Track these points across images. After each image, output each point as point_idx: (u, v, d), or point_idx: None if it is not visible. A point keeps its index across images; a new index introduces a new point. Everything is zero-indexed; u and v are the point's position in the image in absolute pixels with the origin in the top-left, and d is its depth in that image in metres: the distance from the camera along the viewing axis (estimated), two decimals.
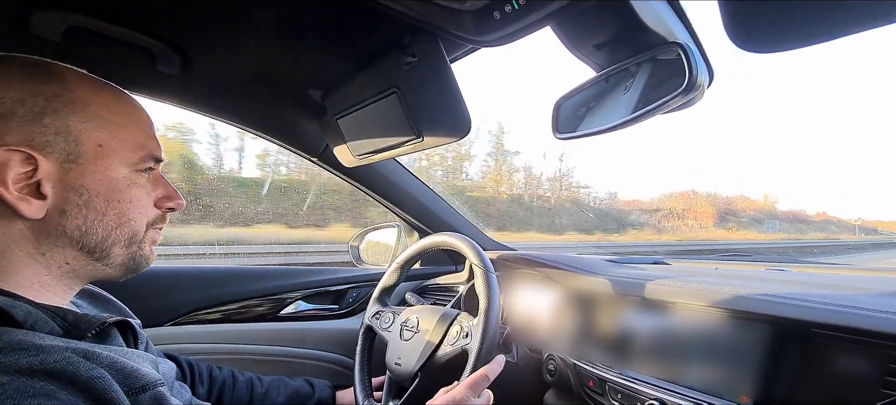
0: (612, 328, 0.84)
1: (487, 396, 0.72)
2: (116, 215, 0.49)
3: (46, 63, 0.47)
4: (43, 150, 0.44)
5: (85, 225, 0.47)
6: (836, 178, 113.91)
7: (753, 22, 0.32)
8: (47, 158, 0.44)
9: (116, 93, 0.51)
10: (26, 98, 0.44)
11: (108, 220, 0.48)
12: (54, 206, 0.45)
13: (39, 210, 0.44)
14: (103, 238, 0.48)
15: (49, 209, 0.45)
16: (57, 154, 0.45)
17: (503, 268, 1.10)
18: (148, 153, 0.51)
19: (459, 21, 0.56)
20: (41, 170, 0.44)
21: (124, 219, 0.49)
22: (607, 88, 0.67)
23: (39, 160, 0.44)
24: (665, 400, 0.68)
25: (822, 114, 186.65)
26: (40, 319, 0.42)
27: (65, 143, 0.45)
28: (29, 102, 0.44)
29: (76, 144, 0.46)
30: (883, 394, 0.50)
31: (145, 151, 0.51)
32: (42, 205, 0.44)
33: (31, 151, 0.43)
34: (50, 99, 0.45)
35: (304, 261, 4.91)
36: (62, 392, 0.37)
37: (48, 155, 0.44)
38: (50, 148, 0.45)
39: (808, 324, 0.58)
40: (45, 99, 0.45)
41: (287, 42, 0.72)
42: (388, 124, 0.77)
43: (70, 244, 0.47)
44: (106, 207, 0.48)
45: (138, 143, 0.50)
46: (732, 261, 1.05)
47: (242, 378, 0.85)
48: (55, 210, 0.45)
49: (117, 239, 0.49)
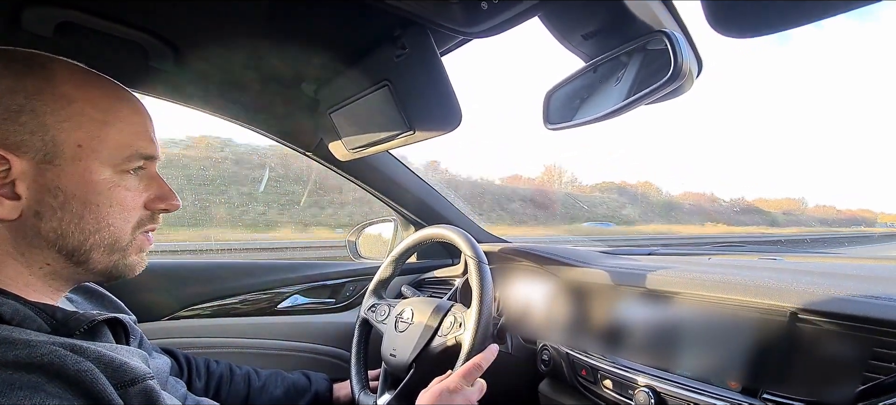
0: (606, 318, 0.85)
1: (481, 385, 0.73)
2: (95, 219, 0.46)
3: (33, 56, 0.45)
4: (17, 150, 0.42)
5: (60, 228, 0.45)
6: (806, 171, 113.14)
7: (731, 7, 0.33)
8: (21, 158, 0.43)
9: (106, 88, 0.49)
10: (4, 95, 0.42)
11: (86, 224, 0.46)
12: (29, 208, 0.44)
13: (13, 211, 0.43)
14: (80, 242, 0.46)
15: (24, 210, 0.43)
16: (32, 154, 0.43)
17: (498, 260, 1.11)
18: (135, 152, 0.48)
19: (448, 12, 0.56)
20: (14, 170, 0.42)
21: (104, 224, 0.47)
22: (597, 78, 0.67)
23: (12, 160, 0.42)
24: (656, 386, 0.69)
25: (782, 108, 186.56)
26: (28, 316, 0.42)
27: (41, 143, 0.43)
28: (6, 100, 0.42)
29: (54, 144, 0.44)
30: (866, 377, 0.51)
31: (132, 150, 0.48)
32: (15, 205, 0.43)
33: (3, 152, 0.42)
34: (30, 96, 0.43)
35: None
36: (49, 385, 0.37)
37: (22, 155, 0.43)
38: (25, 147, 0.43)
39: (796, 310, 0.59)
40: (25, 96, 0.43)
41: (279, 36, 0.72)
42: (380, 118, 0.77)
43: (47, 246, 0.45)
44: (83, 210, 0.45)
45: (124, 142, 0.48)
46: (725, 252, 1.06)
47: (240, 371, 0.85)
48: (30, 211, 0.44)
49: (96, 244, 0.47)
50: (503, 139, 54.40)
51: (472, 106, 12.97)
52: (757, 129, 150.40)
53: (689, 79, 0.55)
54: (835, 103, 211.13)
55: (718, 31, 0.33)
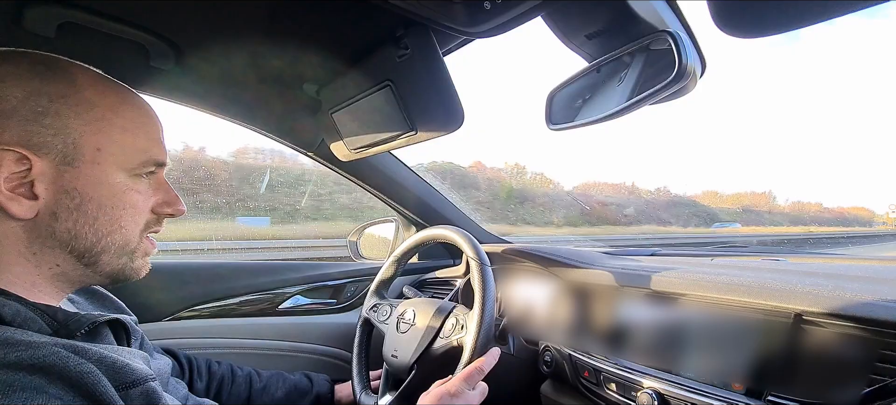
0: (608, 319, 0.84)
1: (482, 388, 0.72)
2: (108, 221, 0.47)
3: (56, 60, 0.47)
4: (39, 151, 0.44)
5: (75, 229, 0.46)
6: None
7: (737, 7, 0.32)
8: (42, 159, 0.44)
9: (124, 94, 0.50)
10: (30, 96, 0.43)
11: (100, 226, 0.47)
12: (46, 208, 0.44)
13: (30, 210, 0.44)
14: (93, 243, 0.47)
15: (40, 210, 0.44)
16: (53, 155, 0.44)
17: (500, 261, 1.11)
18: (149, 158, 0.50)
19: (450, 12, 0.56)
20: (35, 170, 0.44)
21: (116, 226, 0.48)
22: (600, 79, 0.67)
23: (33, 160, 0.43)
24: (659, 388, 0.68)
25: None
26: (30, 318, 0.42)
27: (63, 145, 0.44)
28: (32, 101, 0.43)
29: (74, 147, 0.45)
30: (872, 379, 0.51)
31: (146, 156, 0.50)
32: (33, 205, 0.44)
33: (25, 151, 0.43)
34: (54, 99, 0.44)
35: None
36: (51, 386, 0.37)
37: (43, 156, 0.44)
38: (46, 149, 0.44)
39: (801, 312, 0.58)
40: (49, 99, 0.44)
41: (281, 35, 0.72)
42: (382, 118, 0.77)
43: (60, 247, 0.46)
44: (98, 212, 0.47)
45: (140, 147, 0.49)
46: (728, 253, 1.05)
47: (241, 372, 0.85)
48: (46, 211, 0.45)
49: (107, 246, 0.48)
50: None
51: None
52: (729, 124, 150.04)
53: (692, 79, 0.55)
54: (833, 101, 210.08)
55: (724, 32, 0.32)
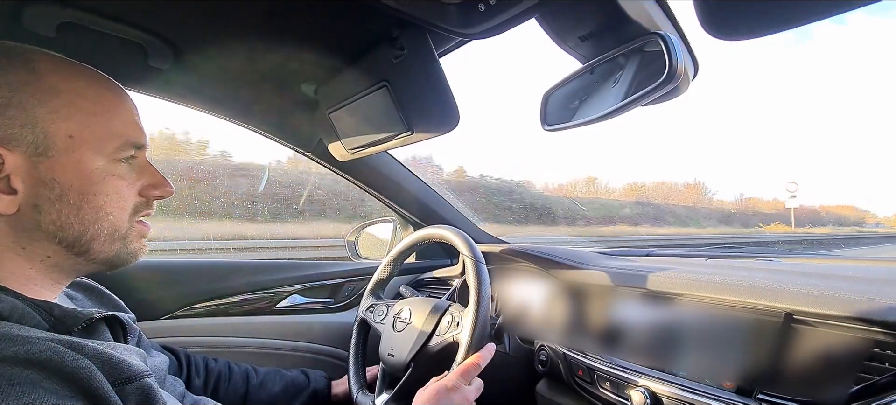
0: (603, 319, 0.85)
1: (478, 384, 0.73)
2: (93, 209, 0.47)
3: (14, 48, 0.45)
4: (8, 144, 0.43)
5: (60, 219, 0.45)
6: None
7: (723, 9, 0.33)
8: (14, 152, 0.43)
9: (92, 78, 0.49)
10: None
11: (85, 214, 0.46)
12: (26, 201, 0.44)
13: (10, 205, 0.43)
14: (81, 233, 0.46)
15: (21, 204, 0.44)
16: (24, 147, 0.43)
17: (497, 261, 1.11)
18: (126, 141, 0.49)
19: (445, 14, 0.56)
20: (8, 164, 0.43)
21: (102, 213, 0.47)
22: (593, 80, 0.68)
23: (5, 155, 0.42)
24: (652, 387, 0.69)
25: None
26: (26, 313, 0.42)
27: (32, 136, 0.43)
28: None
29: (44, 136, 0.44)
30: (860, 377, 0.51)
31: (123, 139, 0.49)
32: (13, 200, 0.43)
33: None
34: (15, 89, 0.43)
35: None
36: (47, 381, 0.37)
37: (14, 149, 0.43)
38: (16, 141, 0.43)
39: (791, 311, 0.59)
40: (10, 89, 0.43)
41: (278, 36, 0.72)
42: (379, 118, 0.78)
43: (48, 239, 0.45)
44: (81, 201, 0.46)
45: (114, 131, 0.48)
46: (722, 254, 1.06)
47: (238, 369, 0.86)
48: (28, 205, 0.44)
49: (96, 234, 0.47)
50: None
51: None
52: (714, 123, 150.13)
53: (684, 80, 0.56)
54: (831, 101, 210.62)
55: (711, 34, 0.33)
